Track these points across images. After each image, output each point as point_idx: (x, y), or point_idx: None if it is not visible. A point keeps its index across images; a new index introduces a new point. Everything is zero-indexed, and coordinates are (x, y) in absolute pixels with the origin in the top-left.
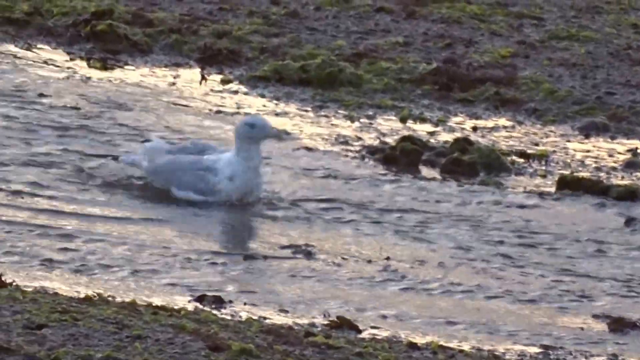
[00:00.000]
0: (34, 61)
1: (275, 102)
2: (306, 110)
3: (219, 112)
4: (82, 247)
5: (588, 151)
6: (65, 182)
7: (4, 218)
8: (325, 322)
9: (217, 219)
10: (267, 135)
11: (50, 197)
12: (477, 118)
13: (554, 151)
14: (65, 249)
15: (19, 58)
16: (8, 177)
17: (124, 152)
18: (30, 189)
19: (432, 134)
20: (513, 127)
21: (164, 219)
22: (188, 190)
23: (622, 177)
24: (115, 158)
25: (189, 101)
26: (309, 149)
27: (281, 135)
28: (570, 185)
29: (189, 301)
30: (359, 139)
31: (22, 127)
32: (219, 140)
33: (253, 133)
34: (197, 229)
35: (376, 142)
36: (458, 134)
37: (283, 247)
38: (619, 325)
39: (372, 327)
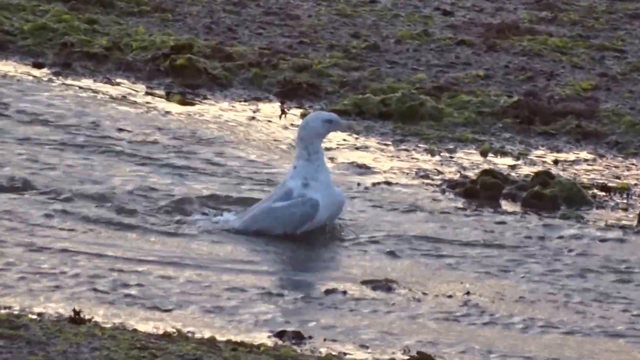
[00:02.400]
0: (113, 96)
1: (355, 135)
2: (386, 144)
3: None
4: (160, 283)
5: None
6: (143, 217)
7: (82, 254)
8: (406, 358)
9: (296, 254)
10: (340, 128)
11: (129, 233)
12: (558, 151)
13: (636, 184)
14: (144, 285)
15: (98, 92)
16: (86, 211)
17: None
18: (108, 224)
19: (513, 167)
20: (594, 160)
21: (242, 254)
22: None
23: None
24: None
25: (269, 135)
26: (389, 183)
27: (353, 126)
28: None
29: (269, 337)
30: (440, 172)
31: (100, 162)
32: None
33: (330, 128)
34: (277, 264)
35: (457, 176)
36: (539, 168)
37: (363, 282)
38: None
39: None
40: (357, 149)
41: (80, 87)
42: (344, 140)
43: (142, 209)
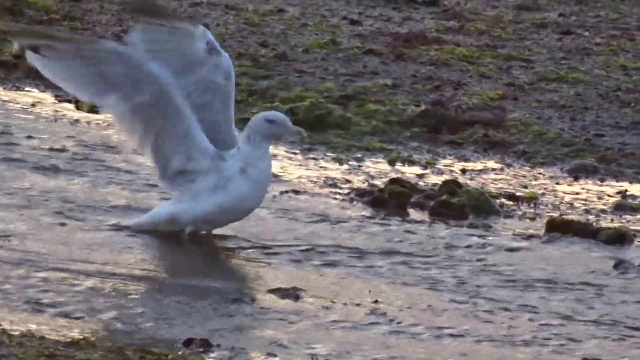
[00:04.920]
0: (22, 103)
1: None
2: (294, 153)
3: None
4: (68, 290)
5: (577, 193)
6: (50, 224)
7: None
8: None
9: (204, 261)
10: (286, 132)
11: (36, 240)
12: (465, 160)
13: (543, 193)
14: (52, 292)
15: (7, 100)
16: None
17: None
18: (16, 230)
19: (420, 176)
20: (502, 169)
21: (150, 262)
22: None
23: (612, 220)
24: None
25: None
26: (296, 191)
27: (301, 133)
28: (559, 228)
29: (176, 345)
30: (348, 181)
31: (9, 169)
32: None
33: (272, 130)
34: (183, 272)
35: (364, 185)
36: (447, 177)
37: (271, 291)
38: None
39: None
40: None
41: None
42: None
43: (51, 216)
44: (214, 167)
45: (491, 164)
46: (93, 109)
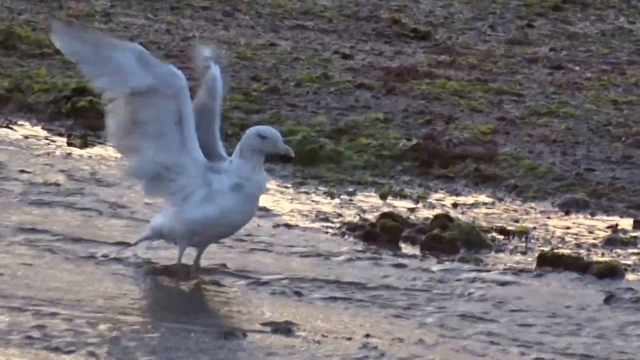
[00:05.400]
0: (14, 138)
1: None
2: (286, 187)
3: None
4: (59, 324)
5: (568, 228)
6: (42, 258)
7: None
8: None
9: (196, 295)
10: (276, 149)
11: (28, 274)
12: (457, 194)
13: (534, 228)
14: (43, 327)
15: None
16: None
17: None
18: (7, 265)
19: (412, 210)
20: (493, 203)
21: (140, 295)
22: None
23: (602, 254)
24: None
25: None
26: (288, 225)
27: (290, 152)
28: (551, 262)
29: None
30: (339, 215)
31: (1, 203)
32: None
33: (263, 146)
34: (176, 306)
35: (356, 219)
36: (438, 211)
37: (263, 324)
38: None
39: None
40: None
41: None
42: None
43: (42, 251)
44: (203, 179)
45: (482, 198)
46: (85, 143)
